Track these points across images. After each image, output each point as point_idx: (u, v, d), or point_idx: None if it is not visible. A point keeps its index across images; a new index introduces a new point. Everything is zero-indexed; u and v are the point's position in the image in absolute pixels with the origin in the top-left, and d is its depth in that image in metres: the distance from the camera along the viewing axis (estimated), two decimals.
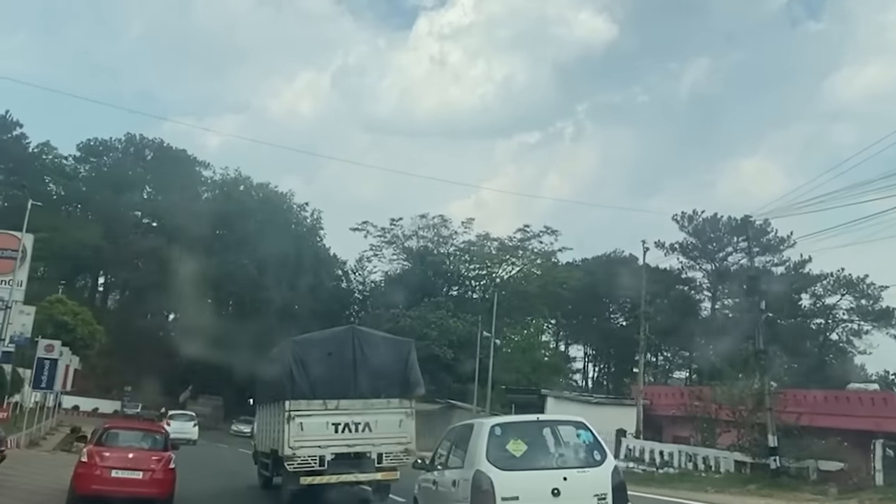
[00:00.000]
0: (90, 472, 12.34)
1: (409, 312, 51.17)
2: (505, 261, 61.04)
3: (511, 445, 7.69)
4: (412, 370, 14.53)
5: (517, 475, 7.48)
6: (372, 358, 14.14)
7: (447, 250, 60.09)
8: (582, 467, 7.68)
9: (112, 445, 13.11)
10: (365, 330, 16.13)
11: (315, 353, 14.21)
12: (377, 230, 60.55)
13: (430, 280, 58.20)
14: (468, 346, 50.08)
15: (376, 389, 13.88)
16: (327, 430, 13.43)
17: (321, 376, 13.82)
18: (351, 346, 14.20)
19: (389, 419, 13.73)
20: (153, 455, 12.87)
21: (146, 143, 75.82)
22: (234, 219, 66.50)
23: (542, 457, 7.86)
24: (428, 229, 59.49)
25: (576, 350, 77.30)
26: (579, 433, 8.08)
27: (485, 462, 7.50)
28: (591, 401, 31.36)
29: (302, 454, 13.24)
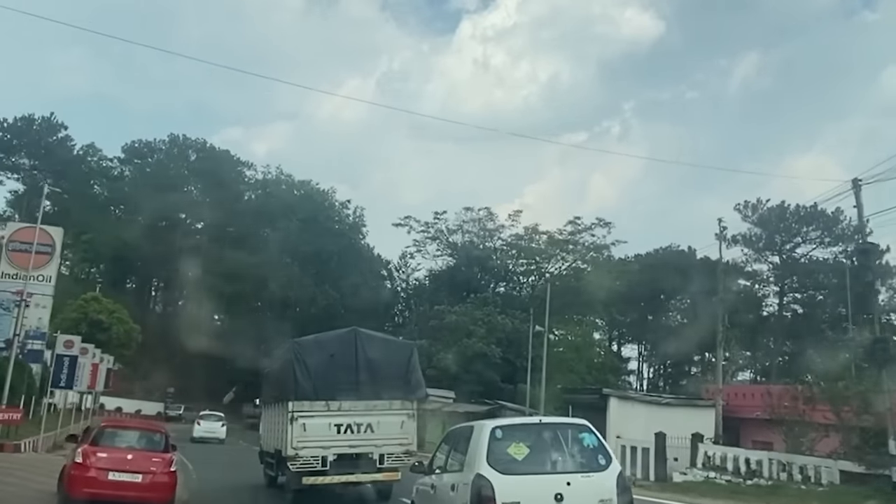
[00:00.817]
0: (83, 474, 11.31)
1: (455, 309, 48.18)
2: (554, 256, 57.54)
3: (512, 449, 7.33)
4: (414, 372, 14.45)
5: (519, 479, 7.12)
6: (374, 360, 14.10)
7: (493, 244, 56.90)
8: (586, 472, 7.30)
9: (108, 445, 12.03)
10: (367, 332, 15.44)
11: (318, 355, 14.15)
12: (420, 225, 57.85)
13: (476, 276, 55.16)
14: (517, 345, 46.86)
15: (378, 391, 13.81)
16: (330, 430, 13.37)
17: (324, 377, 13.77)
18: (353, 347, 14.14)
19: (391, 421, 13.67)
20: (153, 456, 11.93)
21: (189, 143, 74.89)
22: (276, 217, 64.89)
23: (544, 460, 7.46)
24: (473, 223, 56.45)
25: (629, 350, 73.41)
26: (583, 436, 7.64)
27: (485, 466, 7.15)
28: (660, 402, 27.79)
29: (305, 454, 13.19)
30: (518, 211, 56.34)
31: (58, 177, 71.96)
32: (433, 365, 44.24)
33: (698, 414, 26.54)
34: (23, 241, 32.40)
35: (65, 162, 70.15)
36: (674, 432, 24.70)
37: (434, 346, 45.51)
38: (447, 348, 45.02)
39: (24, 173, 71.00)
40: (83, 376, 27.62)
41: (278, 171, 68.75)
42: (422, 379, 14.80)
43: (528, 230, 55.48)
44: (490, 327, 45.85)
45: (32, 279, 32.29)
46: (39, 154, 70.17)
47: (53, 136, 70.26)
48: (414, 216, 58.07)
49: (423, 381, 14.84)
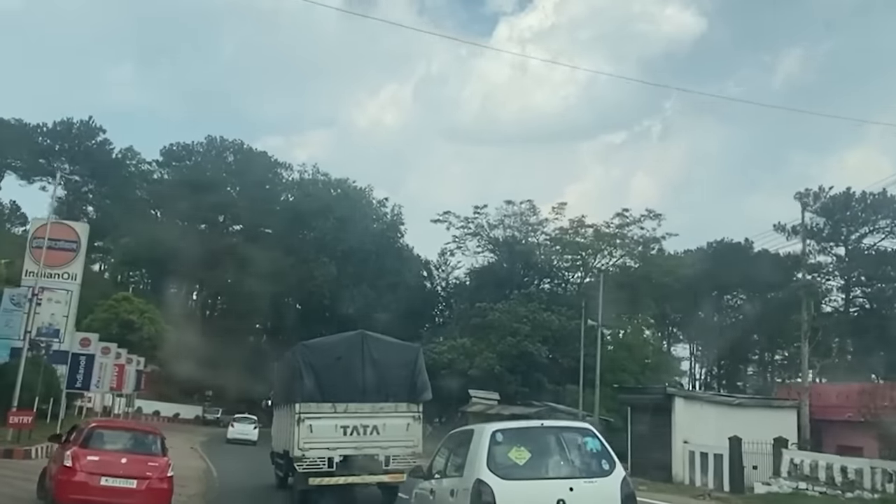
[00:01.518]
0: (72, 479, 10.33)
1: (498, 306, 45.45)
2: (601, 251, 54.35)
3: (513, 453, 7.07)
4: (420, 375, 14.42)
5: (520, 485, 6.85)
6: (380, 362, 14.07)
7: (537, 239, 53.98)
8: (589, 477, 7.00)
9: (100, 448, 11.06)
10: (374, 335, 15.34)
11: (324, 358, 14.18)
12: (460, 220, 55.17)
13: (519, 272, 52.41)
14: (564, 343, 43.97)
15: (384, 393, 13.89)
16: (336, 432, 13.40)
17: (330, 380, 13.78)
18: (360, 350, 14.15)
19: (397, 423, 13.72)
20: (149, 460, 11.04)
21: (226, 145, 73.92)
22: (313, 216, 63.24)
23: (546, 465, 7.18)
24: (515, 217, 53.61)
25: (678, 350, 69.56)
26: (586, 440, 7.33)
27: (485, 470, 6.89)
28: (732, 402, 24.69)
29: (311, 455, 13.22)
30: (562, 203, 53.46)
31: (97, 181, 71.91)
32: (476, 365, 41.68)
33: (776, 416, 23.43)
34: (48, 237, 31.02)
35: (104, 166, 69.79)
36: (749, 436, 21.74)
37: (476, 346, 42.94)
38: (490, 348, 42.37)
39: (65, 178, 70.80)
40: (105, 377, 25.92)
41: (314, 170, 67.20)
42: (427, 381, 14.61)
43: (574, 223, 52.40)
44: (535, 325, 43.00)
45: (57, 276, 30.95)
46: (79, 158, 69.94)
47: (92, 140, 69.99)
48: (453, 211, 55.55)
49: (428, 383, 14.63)
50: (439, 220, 55.55)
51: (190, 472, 22.50)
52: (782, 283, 59.72)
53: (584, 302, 34.95)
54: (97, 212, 73.11)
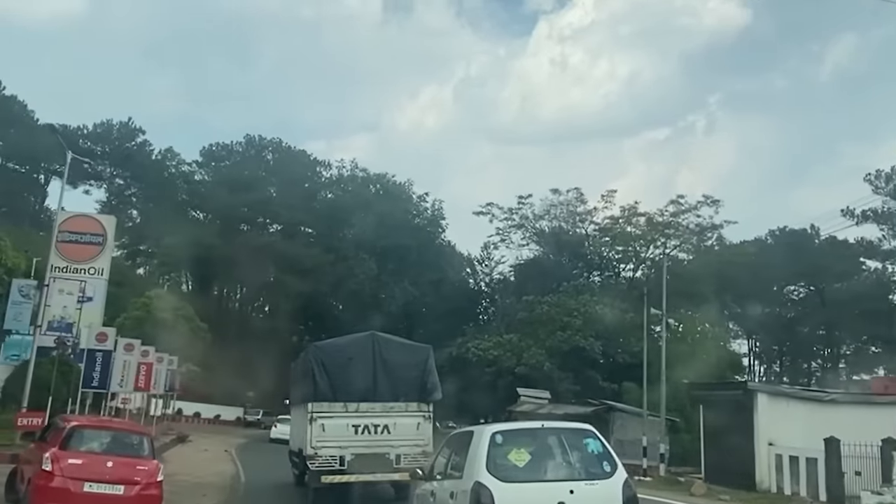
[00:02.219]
0: (50, 485, 9.40)
1: (546, 299, 42.51)
2: (653, 242, 50.88)
3: (513, 455, 6.92)
4: (430, 375, 14.53)
5: (519, 487, 6.69)
6: (391, 363, 14.28)
7: (585, 230, 50.72)
8: (590, 479, 6.83)
9: (83, 450, 10.03)
10: (385, 336, 15.60)
11: (336, 358, 14.37)
12: (503, 212, 52.25)
13: (567, 264, 49.41)
14: (618, 338, 40.88)
15: (395, 393, 14.06)
16: (348, 431, 13.55)
17: (342, 380, 13.96)
18: (371, 351, 14.37)
19: (407, 422, 13.81)
20: (137, 464, 10.15)
21: (265, 143, 72.73)
22: (352, 212, 61.40)
23: (546, 467, 7.02)
24: (561, 207, 50.42)
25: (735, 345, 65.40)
26: (587, 442, 7.20)
27: (484, 473, 6.73)
28: (823, 398, 21.38)
29: (323, 454, 13.35)
30: (612, 191, 50.10)
31: (138, 182, 71.48)
32: (523, 362, 38.88)
33: (879, 414, 20.03)
34: (73, 231, 29.56)
35: (144, 167, 69.28)
36: (846, 437, 18.50)
37: (524, 342, 40.14)
38: (539, 343, 39.49)
39: (107, 180, 70.67)
40: (128, 376, 24.02)
41: (353, 166, 65.27)
42: (437, 382, 14.67)
43: (625, 210, 49.00)
44: (587, 318, 39.90)
45: (83, 272, 29.40)
46: (120, 160, 69.57)
47: (132, 142, 69.52)
48: (496, 203, 52.69)
49: (438, 383, 14.68)
50: (482, 212, 52.87)
51: (215, 478, 20.51)
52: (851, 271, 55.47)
53: (645, 288, 31.79)
54: (141, 215, 72.84)
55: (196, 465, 24.16)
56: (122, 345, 24.23)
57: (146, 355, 27.54)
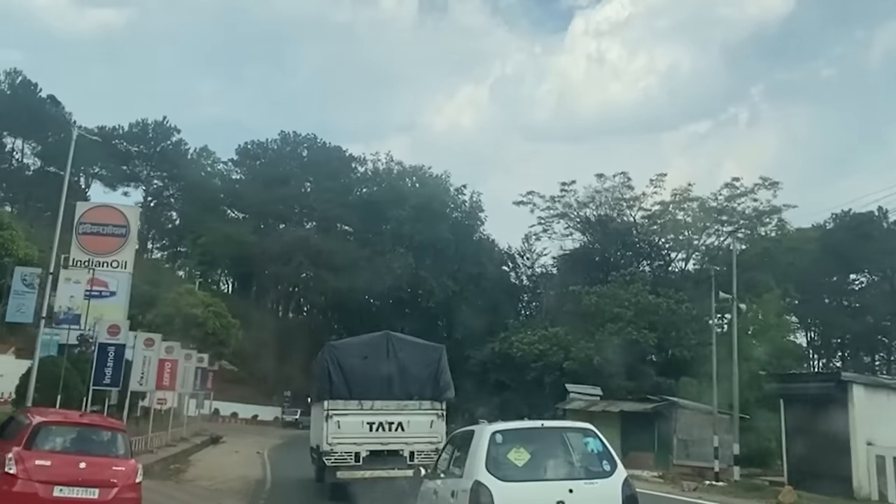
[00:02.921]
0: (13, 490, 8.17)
1: (595, 289, 39.59)
2: (706, 229, 47.45)
3: (513, 454, 6.82)
4: (443, 374, 14.63)
5: (519, 486, 6.61)
6: (405, 362, 14.48)
7: (633, 216, 47.51)
8: (590, 478, 6.76)
9: (51, 450, 8.76)
10: (399, 335, 16.00)
11: (352, 357, 14.58)
12: (545, 201, 49.35)
13: (615, 254, 46.42)
14: (674, 331, 37.87)
15: (409, 392, 14.23)
16: (363, 428, 13.73)
17: (357, 378, 14.17)
18: (385, 350, 14.61)
19: (421, 420, 13.94)
20: (113, 464, 8.84)
21: (300, 139, 71.40)
22: (389, 206, 59.35)
23: (546, 467, 6.94)
24: (607, 193, 47.27)
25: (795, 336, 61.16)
26: (587, 441, 7.11)
27: (483, 472, 6.67)
28: None
29: (339, 450, 13.53)
30: (661, 174, 46.72)
31: (174, 182, 70.84)
32: (571, 357, 36.15)
33: None
34: (94, 222, 28.01)
35: (180, 166, 68.56)
36: None
37: (571, 335, 37.38)
38: (588, 337, 36.66)
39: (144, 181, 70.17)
40: (149, 373, 22.17)
41: (388, 159, 63.23)
42: (450, 381, 14.80)
43: (676, 195, 45.65)
44: (640, 309, 36.87)
45: (106, 265, 27.82)
46: (156, 159, 68.97)
47: (167, 141, 68.83)
48: (537, 191, 49.81)
49: (451, 382, 14.80)
50: (522, 201, 50.07)
51: (238, 483, 18.56)
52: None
53: (713, 269, 28.73)
54: (180, 216, 72.24)
55: (222, 468, 22.37)
56: (141, 339, 22.45)
57: (171, 351, 25.71)
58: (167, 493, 14.52)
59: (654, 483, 22.73)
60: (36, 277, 16.71)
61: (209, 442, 32.92)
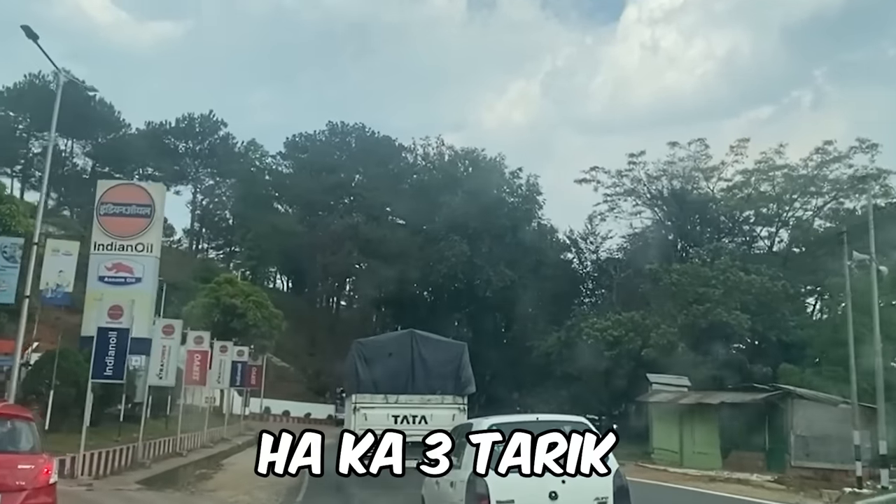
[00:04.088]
0: None
1: (676, 267, 34.78)
2: (791, 203, 41.91)
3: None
4: (464, 370, 15.29)
5: (514, 478, 6.52)
6: (428, 359, 15.31)
7: (711, 188, 42.22)
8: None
9: None
10: (422, 333, 16.58)
11: (378, 354, 15.51)
12: (611, 177, 44.52)
13: (694, 230, 41.46)
14: (767, 313, 32.88)
15: (432, 387, 14.95)
16: (388, 420, 14.40)
17: (383, 374, 15.03)
18: (409, 347, 15.45)
19: (443, 413, 14.35)
20: (19, 461, 6.97)
21: (348, 129, 68.49)
22: (440, 192, 55.71)
23: None
24: (682, 164, 42.10)
25: None
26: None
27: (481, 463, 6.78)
28: None
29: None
30: (744, 140, 41.31)
31: (224, 177, 69.04)
32: (652, 343, 31.59)
33: None
34: (116, 202, 25.21)
35: (228, 161, 66.66)
36: None
37: (648, 320, 32.81)
38: (669, 320, 31.99)
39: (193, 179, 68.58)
40: (169, 365, 19.03)
41: (439, 143, 59.48)
42: (471, 376, 15.31)
43: (761, 162, 40.15)
44: (729, 288, 31.89)
45: (130, 249, 25.00)
46: (203, 155, 67.26)
47: (215, 135, 66.99)
48: (602, 167, 45.04)
49: (472, 378, 15.32)
50: (585, 179, 45.42)
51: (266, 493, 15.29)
52: None
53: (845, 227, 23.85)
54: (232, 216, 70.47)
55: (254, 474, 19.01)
56: (159, 326, 19.35)
57: (200, 342, 22.65)
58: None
59: (773, 490, 18.23)
60: (18, 249, 13.62)
61: (252, 442, 29.94)
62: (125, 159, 65.65)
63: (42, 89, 63.31)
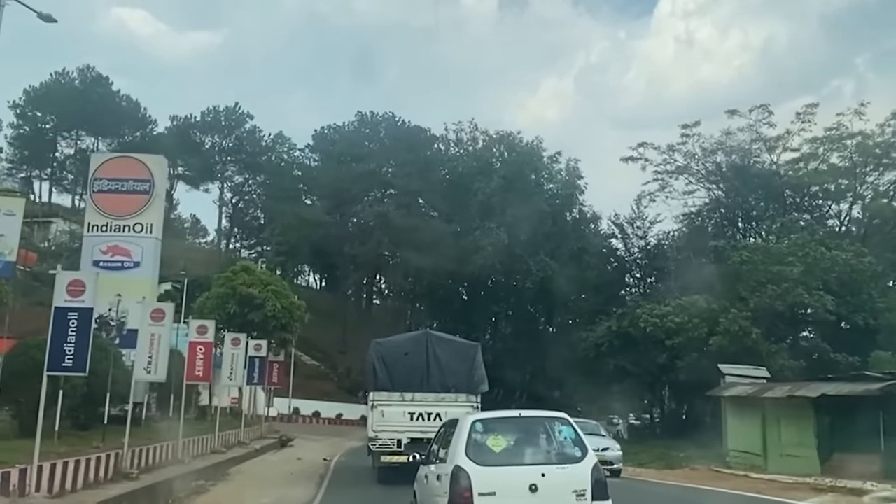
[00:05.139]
0: None
1: (746, 243, 30.51)
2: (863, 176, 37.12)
3: (491, 441, 7.35)
4: (477, 370, 15.91)
5: (495, 470, 7.09)
6: (442, 358, 15.88)
7: (775, 159, 37.62)
8: (561, 463, 7.20)
9: None
10: (437, 334, 17.67)
11: (394, 353, 16.12)
12: (661, 153, 40.14)
13: (758, 206, 37.09)
14: (852, 293, 28.51)
15: (446, 385, 15.52)
16: (404, 417, 15.00)
17: (399, 372, 15.63)
18: (424, 347, 16.01)
19: (457, 411, 13.88)
20: None
21: (377, 120, 65.44)
22: (474, 177, 52.15)
23: (521, 453, 7.43)
24: (741, 133, 37.60)
25: None
26: (561, 429, 7.56)
27: (463, 457, 7.14)
28: None
29: (383, 437, 14.94)
30: (812, 105, 36.69)
31: (251, 171, 66.74)
32: (717, 331, 27.50)
33: None
34: (111, 177, 22.39)
35: (255, 154, 64.29)
36: None
37: (716, 304, 28.67)
38: (741, 304, 27.75)
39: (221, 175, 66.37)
40: (158, 356, 15.85)
41: (472, 127, 55.82)
42: (484, 376, 15.93)
43: (832, 129, 35.36)
44: (809, 265, 27.56)
45: (127, 229, 22.14)
46: (230, 150, 64.97)
47: (241, 128, 64.64)
48: (650, 142, 40.71)
49: (485, 377, 15.96)
50: (632, 157, 41.19)
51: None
52: None
53: None
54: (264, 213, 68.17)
55: (260, 486, 16.06)
56: (147, 311, 16.21)
57: (203, 332, 19.42)
58: None
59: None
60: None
61: (274, 446, 26.89)
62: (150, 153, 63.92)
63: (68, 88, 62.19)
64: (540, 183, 54.51)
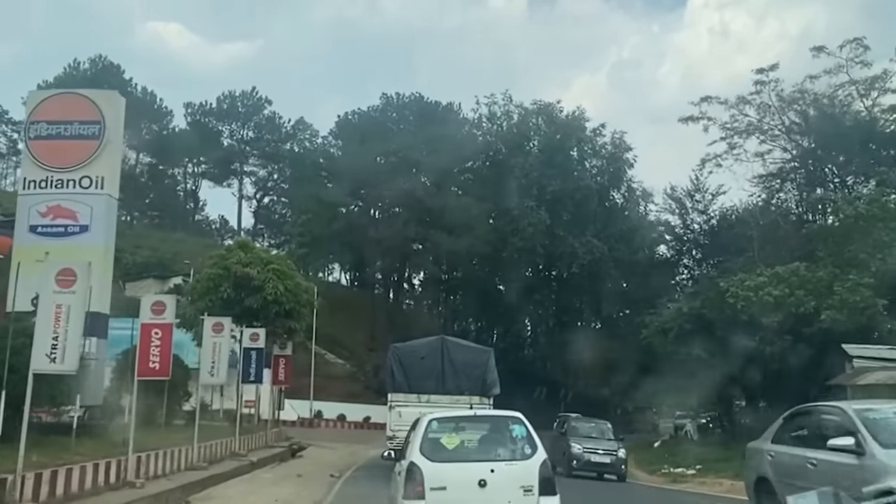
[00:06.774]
0: None
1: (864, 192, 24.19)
2: None
3: (445, 439, 7.61)
4: (490, 373, 16.81)
5: (446, 467, 7.30)
6: (457, 362, 16.84)
7: (870, 105, 30.92)
8: (510, 460, 7.42)
9: None
10: (452, 339, 18.91)
11: (411, 357, 17.21)
12: (728, 108, 33.50)
13: (852, 162, 30.63)
14: None
15: (460, 388, 16.37)
16: None
17: (415, 375, 16.69)
18: (440, 351, 17.03)
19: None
20: None
21: (403, 102, 60.28)
22: (511, 153, 46.63)
23: (473, 450, 7.67)
24: (828, 77, 30.93)
25: None
26: (513, 427, 7.73)
27: (418, 454, 7.40)
28: None
29: (400, 436, 14.82)
30: None
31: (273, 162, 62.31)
32: (830, 304, 21.25)
33: None
34: (51, 120, 17.38)
35: (275, 141, 59.78)
36: None
37: (823, 272, 22.42)
38: (860, 270, 21.36)
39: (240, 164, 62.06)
40: (66, 337, 10.72)
41: (507, 100, 50.04)
42: (496, 379, 16.75)
43: None
44: None
45: (72, 184, 17.08)
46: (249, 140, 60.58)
47: (259, 115, 60.17)
48: (717, 97, 34.25)
49: (497, 381, 16.75)
50: (692, 116, 34.83)
51: None
52: None
53: None
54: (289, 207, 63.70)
55: None
56: (51, 273, 11.01)
57: (160, 311, 14.11)
58: None
59: None
60: None
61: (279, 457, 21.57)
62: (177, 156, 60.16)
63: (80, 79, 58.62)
64: (583, 157, 48.70)
